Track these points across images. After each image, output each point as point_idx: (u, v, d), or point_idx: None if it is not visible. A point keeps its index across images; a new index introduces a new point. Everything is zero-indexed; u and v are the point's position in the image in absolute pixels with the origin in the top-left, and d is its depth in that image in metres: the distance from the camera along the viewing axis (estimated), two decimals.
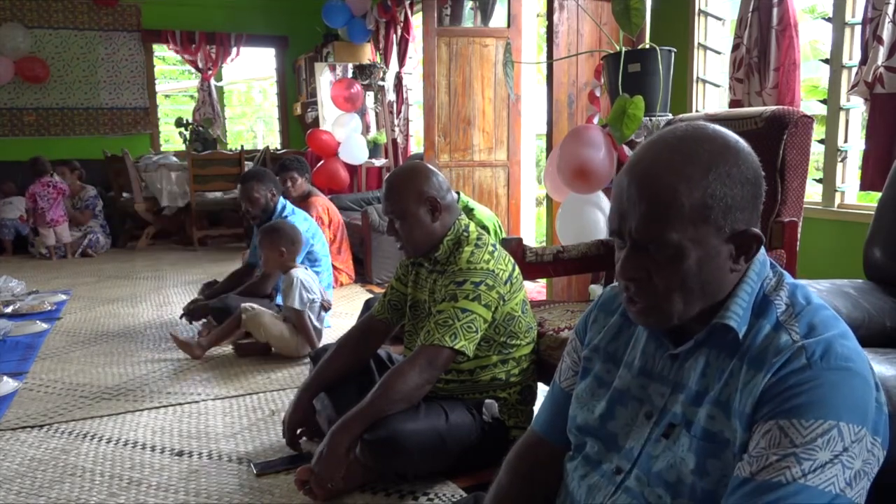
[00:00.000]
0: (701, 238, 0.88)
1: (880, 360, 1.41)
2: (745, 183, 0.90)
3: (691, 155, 0.89)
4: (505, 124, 4.87)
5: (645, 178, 0.90)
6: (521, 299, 1.99)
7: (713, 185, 0.88)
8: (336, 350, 2.11)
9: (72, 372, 2.97)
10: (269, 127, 11.20)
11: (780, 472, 0.80)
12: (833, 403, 0.82)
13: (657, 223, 0.88)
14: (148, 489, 1.93)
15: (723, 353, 0.93)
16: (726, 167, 0.89)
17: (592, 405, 1.07)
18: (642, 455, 0.97)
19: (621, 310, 1.09)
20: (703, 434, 0.91)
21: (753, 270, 0.94)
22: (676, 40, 3.14)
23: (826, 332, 0.87)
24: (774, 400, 0.84)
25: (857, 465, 0.81)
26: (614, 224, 0.94)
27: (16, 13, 7.21)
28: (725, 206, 0.88)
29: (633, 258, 0.92)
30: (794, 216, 2.05)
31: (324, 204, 4.61)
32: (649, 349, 1.03)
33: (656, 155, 0.92)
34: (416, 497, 1.84)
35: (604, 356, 1.09)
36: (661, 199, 0.88)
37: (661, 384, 0.99)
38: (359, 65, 6.12)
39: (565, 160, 2.83)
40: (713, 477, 0.89)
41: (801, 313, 0.90)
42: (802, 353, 0.85)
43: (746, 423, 0.86)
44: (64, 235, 6.06)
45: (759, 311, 0.92)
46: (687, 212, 0.87)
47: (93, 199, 6.43)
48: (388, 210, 1.96)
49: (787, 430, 0.82)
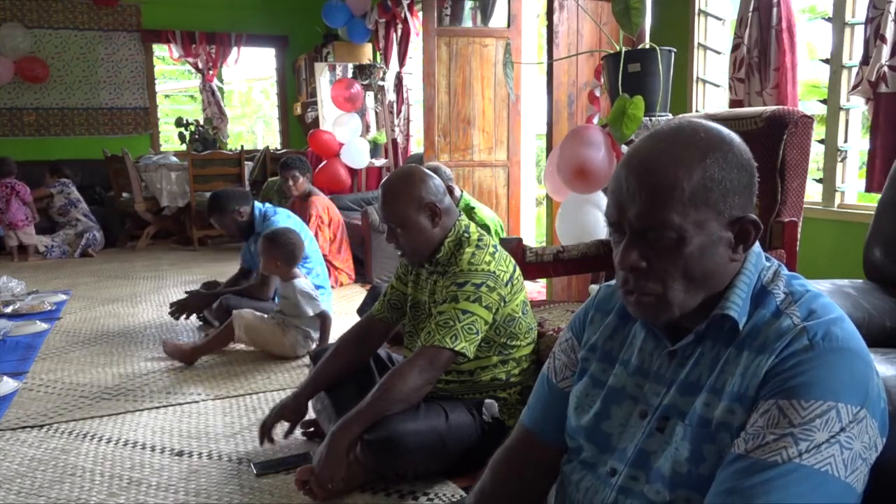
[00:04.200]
0: (702, 222, 0.89)
1: (880, 359, 1.41)
2: (740, 168, 0.91)
3: (688, 142, 0.91)
4: (505, 124, 4.87)
5: (644, 168, 0.91)
6: (522, 300, 1.99)
7: (711, 167, 0.89)
8: (336, 350, 2.11)
9: (72, 372, 2.97)
10: (269, 127, 11.20)
11: (776, 452, 0.81)
12: (833, 384, 0.82)
13: (659, 208, 0.89)
14: (148, 489, 1.93)
15: (718, 343, 0.94)
16: (722, 152, 0.91)
17: (588, 405, 1.06)
18: (637, 453, 0.97)
19: (617, 308, 1.09)
20: (698, 421, 0.91)
21: (750, 262, 0.95)
22: (676, 40, 3.14)
23: (825, 315, 0.88)
24: (775, 379, 0.85)
25: (857, 447, 0.81)
26: (613, 217, 0.94)
27: (16, 13, 7.21)
28: (724, 189, 0.89)
29: (634, 247, 0.92)
30: (794, 216, 2.05)
31: (324, 204, 4.61)
32: (647, 347, 1.02)
33: (654, 146, 0.93)
34: (416, 497, 1.84)
35: (600, 355, 1.09)
36: (661, 185, 0.89)
37: (658, 383, 0.99)
38: (359, 65, 6.12)
39: (565, 160, 2.83)
40: (710, 462, 0.89)
41: (799, 300, 0.91)
42: (804, 334, 0.86)
43: (749, 405, 0.87)
44: (26, 238, 6.00)
45: (758, 302, 0.93)
46: (687, 195, 0.88)
47: (59, 183, 6.29)
48: (387, 218, 1.94)
49: (785, 409, 0.82)
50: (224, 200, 3.50)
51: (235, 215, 3.49)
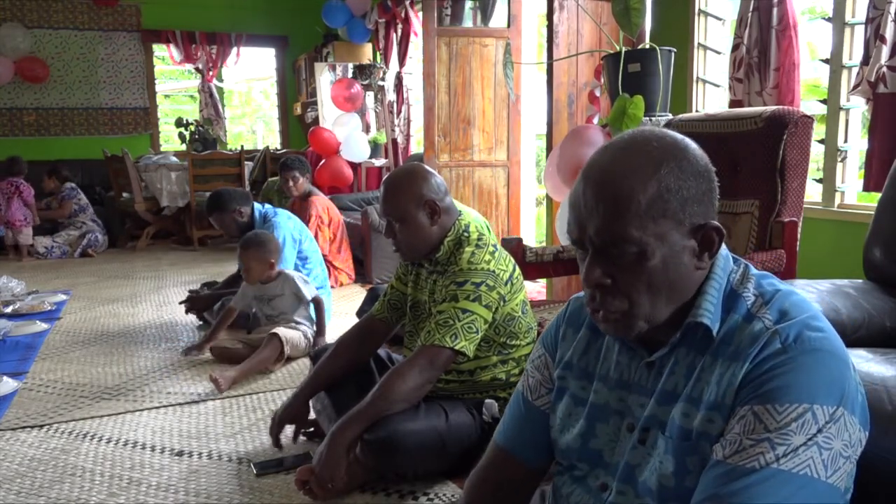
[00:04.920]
0: (662, 234, 0.88)
1: (880, 360, 1.41)
2: (697, 176, 0.90)
3: (641, 153, 0.90)
4: (505, 124, 4.87)
5: (599, 182, 0.90)
6: (522, 300, 1.99)
7: (666, 178, 0.88)
8: (336, 350, 2.11)
9: (72, 372, 2.97)
10: (269, 127, 11.20)
11: (753, 457, 0.81)
12: (807, 386, 0.82)
13: (616, 223, 0.88)
14: (148, 489, 1.93)
15: (692, 350, 0.93)
16: (676, 161, 0.89)
17: (571, 425, 1.05)
18: (623, 466, 0.96)
19: (588, 322, 1.08)
20: (678, 433, 0.90)
21: (718, 266, 0.94)
22: (676, 40, 3.14)
23: (797, 315, 0.87)
24: (750, 385, 0.85)
25: (836, 446, 0.81)
26: (574, 234, 0.93)
27: (16, 13, 7.21)
28: (682, 199, 0.88)
29: (597, 264, 0.91)
30: (793, 216, 2.06)
31: (323, 204, 4.61)
32: (623, 360, 1.01)
33: (608, 159, 0.92)
34: (416, 497, 1.84)
35: (577, 373, 1.07)
36: (617, 199, 0.88)
37: (640, 394, 0.98)
38: (359, 65, 6.12)
39: (565, 160, 2.83)
40: (695, 473, 0.88)
41: (770, 301, 0.90)
42: (777, 337, 0.85)
43: (726, 414, 0.87)
44: (22, 238, 6.01)
45: (729, 306, 0.92)
46: (643, 207, 0.87)
47: (69, 190, 6.32)
48: (387, 213, 1.94)
49: (761, 415, 0.82)
50: (225, 200, 3.49)
51: (236, 215, 3.48)
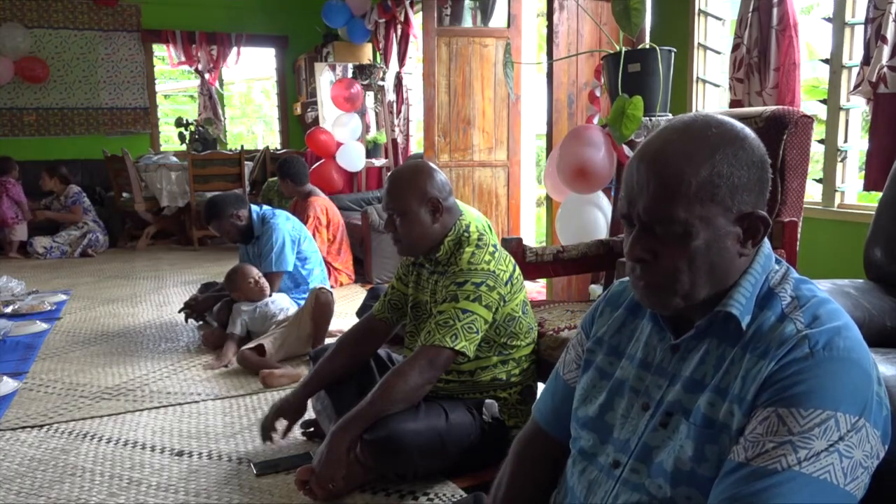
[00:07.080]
0: (708, 217, 0.90)
1: (880, 360, 1.41)
2: (751, 165, 0.92)
3: (698, 137, 0.92)
4: (505, 124, 4.87)
5: (653, 161, 0.93)
6: (522, 300, 1.99)
7: (719, 164, 0.90)
8: (336, 349, 2.11)
9: (72, 372, 2.97)
10: (269, 127, 11.20)
11: (775, 459, 0.81)
12: (832, 393, 0.82)
13: (664, 202, 0.90)
14: (148, 489, 1.93)
15: (724, 343, 0.94)
16: (732, 149, 0.91)
17: (594, 397, 1.08)
18: (640, 446, 0.98)
19: (627, 303, 1.11)
20: (702, 421, 0.91)
21: (758, 262, 0.95)
22: (676, 40, 3.14)
23: (830, 322, 0.88)
24: (775, 387, 0.85)
25: (857, 455, 0.82)
26: (623, 209, 0.96)
27: (16, 13, 7.21)
28: (732, 186, 0.90)
29: (641, 239, 0.94)
30: (794, 216, 2.05)
31: (323, 204, 4.60)
32: (652, 341, 1.03)
33: (665, 139, 0.94)
34: (416, 497, 1.84)
35: (607, 349, 1.10)
36: (668, 179, 0.90)
37: (660, 376, 1.00)
38: (359, 65, 6.12)
39: (565, 160, 2.83)
40: (711, 462, 0.89)
41: (805, 305, 0.91)
42: (806, 342, 0.86)
43: (747, 409, 0.87)
44: (17, 235, 6.12)
45: (764, 304, 0.93)
46: (693, 190, 0.89)
47: (77, 194, 6.35)
48: (389, 206, 1.95)
49: (785, 418, 0.83)
50: (220, 206, 3.44)
51: (234, 219, 3.45)
